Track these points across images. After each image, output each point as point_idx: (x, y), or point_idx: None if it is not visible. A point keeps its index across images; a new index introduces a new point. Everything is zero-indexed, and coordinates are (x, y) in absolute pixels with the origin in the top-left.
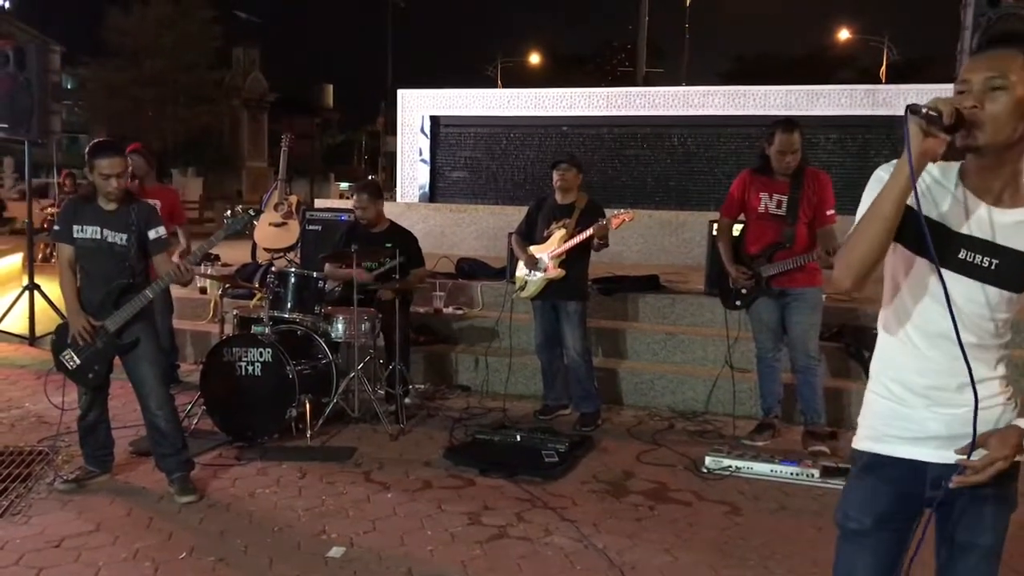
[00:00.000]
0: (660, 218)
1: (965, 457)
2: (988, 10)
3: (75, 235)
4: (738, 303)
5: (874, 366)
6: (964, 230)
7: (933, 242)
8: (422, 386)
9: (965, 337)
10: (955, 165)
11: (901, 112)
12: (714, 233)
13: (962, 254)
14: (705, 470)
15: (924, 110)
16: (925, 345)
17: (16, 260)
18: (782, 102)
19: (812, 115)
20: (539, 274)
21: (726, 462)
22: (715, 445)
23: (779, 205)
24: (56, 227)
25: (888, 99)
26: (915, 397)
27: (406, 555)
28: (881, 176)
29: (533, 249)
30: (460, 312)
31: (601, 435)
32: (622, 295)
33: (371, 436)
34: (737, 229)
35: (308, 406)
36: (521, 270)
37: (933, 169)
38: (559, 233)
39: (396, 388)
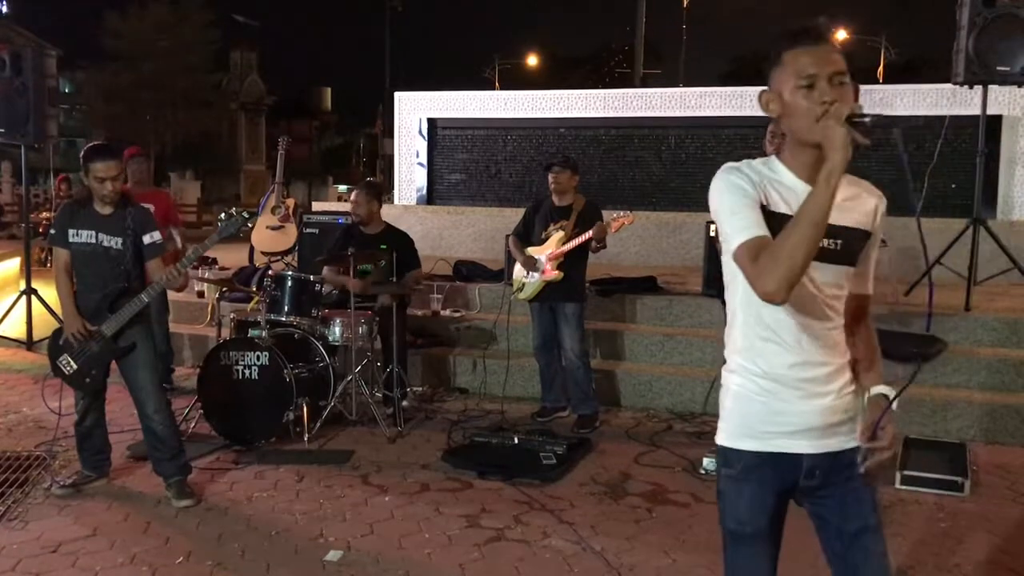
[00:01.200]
0: (658, 219)
1: (873, 441)
2: (984, 10)
3: (71, 239)
4: None
5: (737, 359)
6: None
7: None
8: (420, 389)
9: (830, 320)
10: (772, 157)
11: (898, 112)
12: (712, 234)
13: None
14: (703, 471)
15: (868, 119)
16: (792, 338)
17: (13, 264)
18: None
19: None
20: (537, 276)
21: None
22: (713, 446)
23: None
24: (52, 231)
25: (885, 99)
26: (788, 390)
27: (404, 558)
28: (738, 183)
29: (531, 251)
30: (458, 314)
31: (599, 437)
32: (620, 296)
33: (369, 439)
34: None
35: (306, 409)
36: (518, 272)
37: (756, 163)
38: (557, 235)
39: (394, 391)
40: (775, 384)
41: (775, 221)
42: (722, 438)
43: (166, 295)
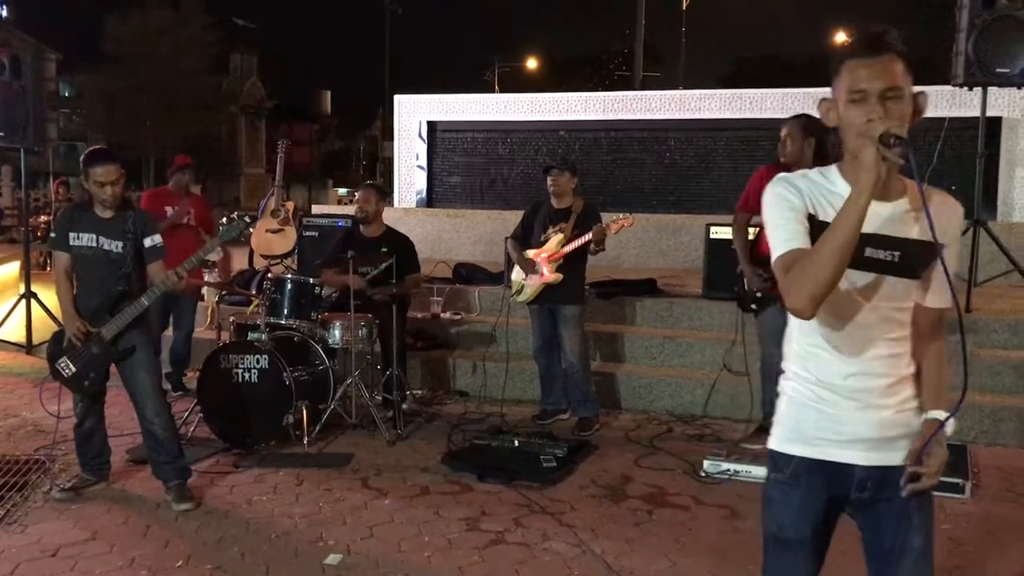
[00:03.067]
0: (657, 222)
1: (917, 466)
2: (983, 12)
3: (71, 242)
4: (754, 307)
5: (793, 367)
6: (863, 228)
7: None
8: (420, 391)
9: (892, 332)
10: (832, 166)
11: None
12: (711, 236)
13: (867, 252)
14: (703, 474)
15: (893, 140)
16: (849, 348)
17: (13, 268)
18: (779, 105)
19: None
20: (536, 278)
21: (725, 466)
22: (714, 449)
23: None
24: (53, 234)
25: None
26: (843, 400)
27: (403, 561)
28: (784, 195)
29: (530, 253)
30: (458, 317)
31: (599, 440)
32: (620, 299)
33: (368, 442)
34: (750, 232)
35: (305, 412)
36: (517, 274)
37: (811, 173)
38: (556, 237)
39: (393, 394)
40: (829, 392)
41: (823, 231)
42: (773, 442)
43: (195, 301)
